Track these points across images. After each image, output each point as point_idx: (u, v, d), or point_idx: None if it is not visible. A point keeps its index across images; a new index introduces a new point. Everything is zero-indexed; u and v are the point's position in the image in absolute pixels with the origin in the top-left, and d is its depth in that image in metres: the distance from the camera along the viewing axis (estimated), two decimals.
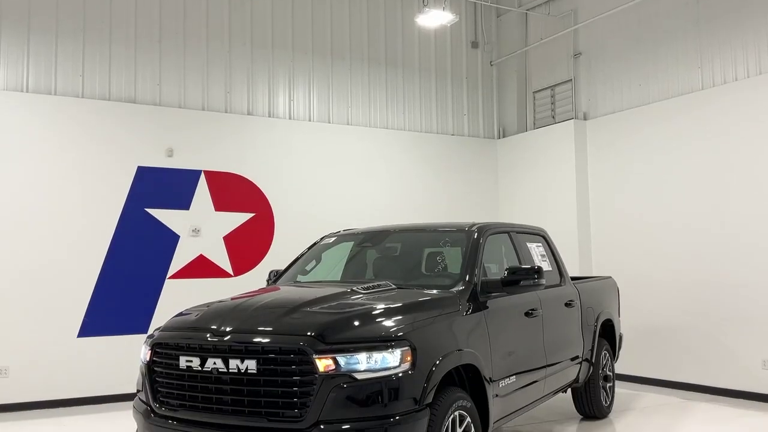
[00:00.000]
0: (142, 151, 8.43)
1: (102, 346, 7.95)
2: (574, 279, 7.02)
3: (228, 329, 4.02)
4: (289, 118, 9.60)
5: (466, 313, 4.65)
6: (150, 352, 4.28)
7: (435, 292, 4.81)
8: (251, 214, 9.04)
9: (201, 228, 8.67)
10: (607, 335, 7.24)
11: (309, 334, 3.84)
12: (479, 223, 5.63)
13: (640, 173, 9.05)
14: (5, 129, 7.75)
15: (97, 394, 7.89)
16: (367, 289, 4.68)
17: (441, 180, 10.62)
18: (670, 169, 8.65)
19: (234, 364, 3.86)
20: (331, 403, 3.70)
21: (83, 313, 7.93)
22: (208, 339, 4.00)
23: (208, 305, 4.62)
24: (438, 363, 4.07)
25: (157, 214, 8.45)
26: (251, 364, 3.82)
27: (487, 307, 4.87)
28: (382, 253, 5.92)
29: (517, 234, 6.05)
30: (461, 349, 4.39)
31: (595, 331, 6.80)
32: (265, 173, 9.17)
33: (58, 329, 7.78)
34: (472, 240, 5.30)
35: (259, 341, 3.90)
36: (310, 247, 6.21)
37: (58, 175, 7.95)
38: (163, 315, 7.01)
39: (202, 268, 8.64)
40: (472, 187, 10.89)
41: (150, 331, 4.98)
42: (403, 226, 6.15)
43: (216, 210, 8.80)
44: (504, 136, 11.34)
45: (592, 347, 6.73)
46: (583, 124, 10.02)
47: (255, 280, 8.25)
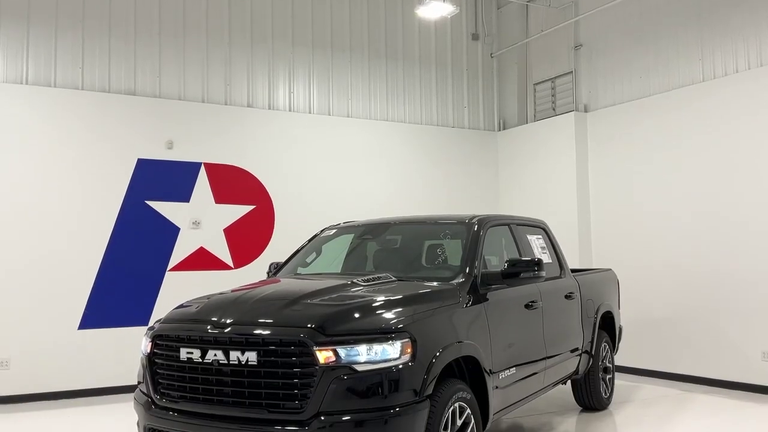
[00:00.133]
0: (142, 143, 8.43)
1: (103, 338, 7.97)
2: (574, 271, 7.03)
3: (228, 321, 4.03)
4: (289, 110, 9.58)
5: (466, 305, 4.66)
6: (151, 344, 4.29)
7: (435, 284, 4.82)
8: (251, 207, 9.04)
9: (201, 220, 8.67)
10: (607, 327, 7.25)
11: (309, 326, 3.85)
12: (479, 216, 5.63)
13: (641, 165, 9.05)
14: (5, 121, 7.74)
15: (98, 386, 7.92)
16: (368, 281, 4.69)
17: (441, 172, 10.61)
18: (670, 161, 8.65)
19: (234, 355, 3.87)
20: (331, 394, 3.71)
21: (84, 306, 7.95)
22: (209, 331, 4.01)
23: (208, 297, 4.63)
24: (438, 355, 4.08)
25: (157, 206, 8.45)
26: (252, 356, 3.83)
27: (487, 299, 4.87)
28: (382, 245, 5.92)
29: (518, 226, 6.05)
30: (461, 341, 4.40)
31: (594, 323, 6.81)
32: (265, 165, 9.17)
33: (59, 321, 7.80)
34: (473, 232, 5.30)
35: (260, 333, 3.90)
36: (311, 240, 6.22)
37: (58, 167, 7.94)
38: (163, 307, 7.03)
39: (202, 260, 8.65)
40: (472, 180, 10.89)
41: (151, 323, 4.99)
42: (404, 219, 6.15)
43: (216, 202, 8.80)
44: (504, 129, 11.33)
45: (592, 339, 6.74)
46: (584, 116, 10.00)
47: (255, 272, 8.26)
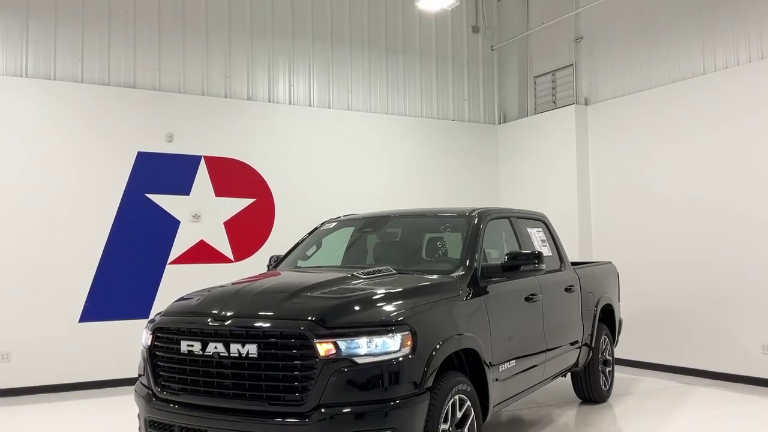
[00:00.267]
0: (141, 136, 8.42)
1: (103, 331, 7.98)
2: (574, 264, 7.03)
3: (229, 314, 4.04)
4: (290, 103, 9.57)
5: (467, 298, 4.67)
6: (151, 336, 4.30)
7: (435, 277, 4.82)
8: (252, 200, 9.04)
9: (201, 213, 8.67)
10: (607, 320, 7.26)
11: (310, 318, 3.86)
12: (479, 209, 5.63)
13: (641, 158, 9.04)
14: (4, 114, 7.73)
15: (99, 378, 7.94)
16: (368, 274, 4.69)
17: (441, 165, 10.60)
18: (670, 154, 8.64)
19: (235, 348, 3.87)
20: (331, 387, 3.72)
21: (84, 299, 7.96)
22: (209, 324, 4.02)
23: (209, 290, 4.64)
24: (438, 347, 4.09)
25: (157, 199, 8.45)
26: (252, 349, 3.84)
27: (487, 292, 4.88)
28: (382, 238, 5.93)
29: (518, 219, 6.05)
30: (461, 334, 4.41)
31: (594, 316, 6.82)
32: (265, 158, 9.16)
33: (60, 314, 7.81)
34: (473, 225, 5.30)
35: (260, 326, 3.91)
36: (311, 233, 6.22)
37: (57, 160, 7.94)
38: (164, 300, 7.03)
39: (202, 253, 8.66)
40: (472, 173, 10.88)
41: (151, 316, 5.00)
42: (404, 212, 6.15)
43: (216, 195, 8.80)
44: (505, 122, 11.31)
45: (592, 332, 6.75)
46: (584, 109, 9.99)
47: (255, 265, 8.26)
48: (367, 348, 3.79)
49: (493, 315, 4.84)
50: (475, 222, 5.34)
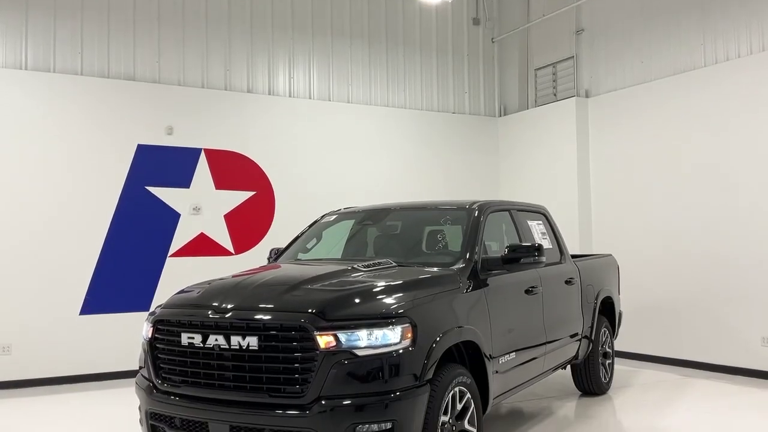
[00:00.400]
0: (141, 129, 8.40)
1: (104, 323, 8.00)
2: (574, 257, 7.03)
3: (229, 306, 4.04)
4: (290, 95, 9.55)
5: (467, 291, 4.67)
6: (152, 329, 4.30)
7: (435, 269, 4.83)
8: (252, 193, 9.03)
9: (201, 206, 8.67)
10: (607, 312, 7.27)
11: (310, 311, 3.86)
12: (480, 201, 5.63)
13: (642, 150, 9.03)
14: (4, 107, 7.72)
15: (100, 371, 7.96)
16: (368, 266, 4.69)
17: (442, 158, 10.59)
18: (671, 147, 8.63)
19: (235, 340, 3.88)
20: (332, 379, 3.73)
21: (85, 291, 7.97)
22: (210, 316, 4.03)
23: (209, 283, 4.64)
24: (438, 340, 4.10)
25: (157, 192, 8.45)
26: (252, 341, 3.84)
27: (487, 285, 4.88)
28: (382, 231, 5.93)
29: (518, 212, 6.05)
30: (461, 326, 4.42)
31: (594, 309, 6.82)
32: (266, 151, 9.15)
33: (61, 307, 7.82)
34: (473, 218, 5.30)
35: (261, 318, 3.92)
36: (311, 225, 6.22)
37: (57, 153, 7.93)
38: (164, 293, 7.03)
39: (203, 246, 8.66)
40: (472, 165, 10.87)
41: (152, 308, 5.00)
42: (404, 204, 6.15)
43: (216, 188, 8.80)
44: (505, 114, 11.29)
45: (592, 324, 6.76)
46: (585, 101, 9.97)
47: (256, 258, 8.27)
48: (367, 340, 3.79)
49: (493, 307, 4.85)
50: (476, 214, 5.34)
